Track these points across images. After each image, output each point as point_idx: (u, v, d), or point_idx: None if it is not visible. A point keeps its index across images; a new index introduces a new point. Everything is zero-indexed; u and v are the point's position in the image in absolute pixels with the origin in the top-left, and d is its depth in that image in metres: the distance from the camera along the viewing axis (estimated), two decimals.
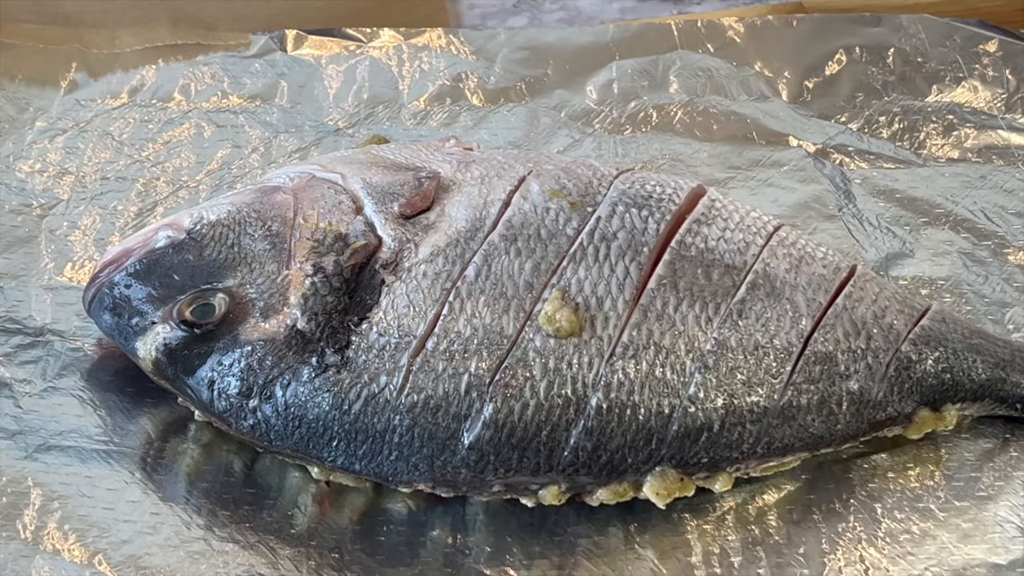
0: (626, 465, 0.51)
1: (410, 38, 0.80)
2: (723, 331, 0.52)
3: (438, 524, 0.52)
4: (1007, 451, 0.55)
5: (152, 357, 0.53)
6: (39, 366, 0.58)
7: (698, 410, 0.51)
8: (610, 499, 0.51)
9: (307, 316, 0.52)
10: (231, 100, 0.76)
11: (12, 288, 0.62)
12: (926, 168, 0.72)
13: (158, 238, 0.55)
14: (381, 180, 0.56)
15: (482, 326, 0.51)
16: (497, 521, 0.52)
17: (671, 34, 0.81)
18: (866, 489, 0.54)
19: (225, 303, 0.52)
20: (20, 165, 0.70)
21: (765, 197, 0.69)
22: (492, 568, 0.51)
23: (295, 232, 0.54)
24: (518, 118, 0.76)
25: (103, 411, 0.56)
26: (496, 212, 0.54)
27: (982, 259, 0.65)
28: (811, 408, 0.52)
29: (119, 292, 0.54)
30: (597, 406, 0.50)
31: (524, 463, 0.50)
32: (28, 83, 0.76)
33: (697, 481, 0.52)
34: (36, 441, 0.55)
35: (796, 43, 0.80)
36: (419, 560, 0.51)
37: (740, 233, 0.55)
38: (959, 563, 0.51)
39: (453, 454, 0.50)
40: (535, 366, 0.50)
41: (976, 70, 0.78)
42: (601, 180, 0.57)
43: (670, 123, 0.75)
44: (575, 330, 0.51)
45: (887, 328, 0.54)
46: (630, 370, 0.50)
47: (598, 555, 0.51)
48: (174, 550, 0.51)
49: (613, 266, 0.53)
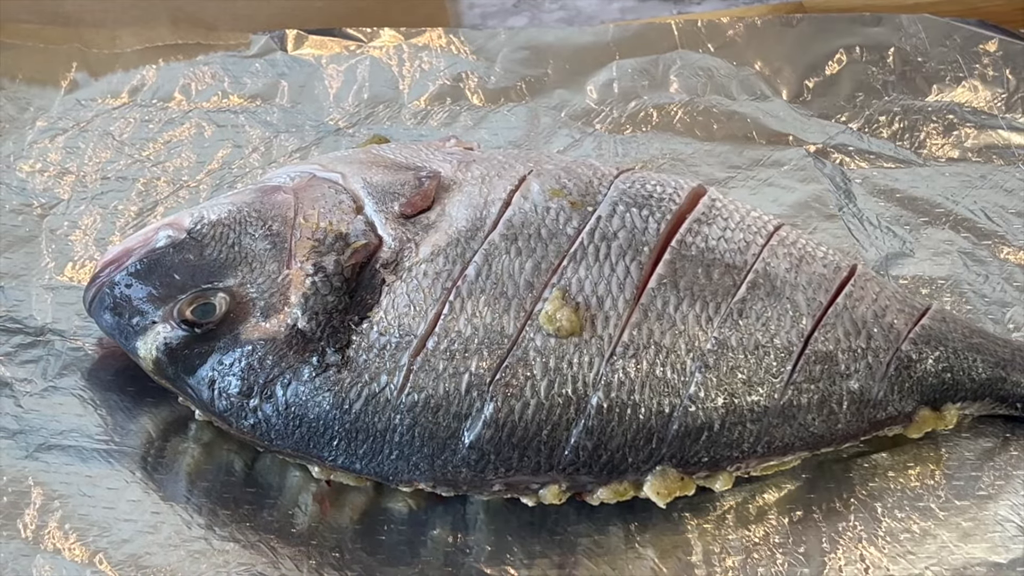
0: (626, 464, 0.51)
1: (410, 38, 0.80)
2: (723, 330, 0.52)
3: (439, 523, 0.52)
4: (1007, 450, 0.55)
5: (153, 356, 0.53)
6: (40, 365, 0.58)
7: (698, 409, 0.51)
8: (611, 498, 0.51)
9: (308, 315, 0.52)
10: (231, 100, 0.76)
11: (13, 288, 0.62)
12: (926, 168, 0.72)
13: (159, 237, 0.55)
14: (381, 180, 0.57)
15: (483, 325, 0.51)
16: (498, 520, 0.52)
17: (671, 34, 0.81)
18: (866, 488, 0.54)
19: (226, 302, 0.52)
20: (20, 165, 0.70)
21: (765, 197, 0.69)
22: (493, 567, 0.51)
23: (296, 232, 0.54)
24: (518, 118, 0.76)
25: (104, 410, 0.56)
26: (496, 211, 0.54)
27: (982, 259, 0.65)
28: (811, 407, 0.52)
29: (120, 292, 0.54)
30: (598, 405, 0.50)
31: (525, 462, 0.50)
32: (28, 83, 0.76)
33: (698, 480, 0.52)
34: (37, 440, 0.55)
35: (796, 43, 0.80)
36: (420, 559, 0.51)
37: (740, 233, 0.55)
38: (959, 562, 0.51)
39: (454, 453, 0.50)
40: (535, 365, 0.50)
41: (976, 70, 0.78)
42: (601, 180, 0.57)
43: (670, 123, 0.75)
44: (575, 329, 0.51)
45: (887, 327, 0.54)
46: (631, 369, 0.50)
47: (598, 554, 0.51)
48: (175, 549, 0.51)
49: (613, 265, 0.53)
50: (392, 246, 0.53)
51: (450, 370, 0.50)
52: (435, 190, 0.56)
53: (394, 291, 0.52)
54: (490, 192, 0.55)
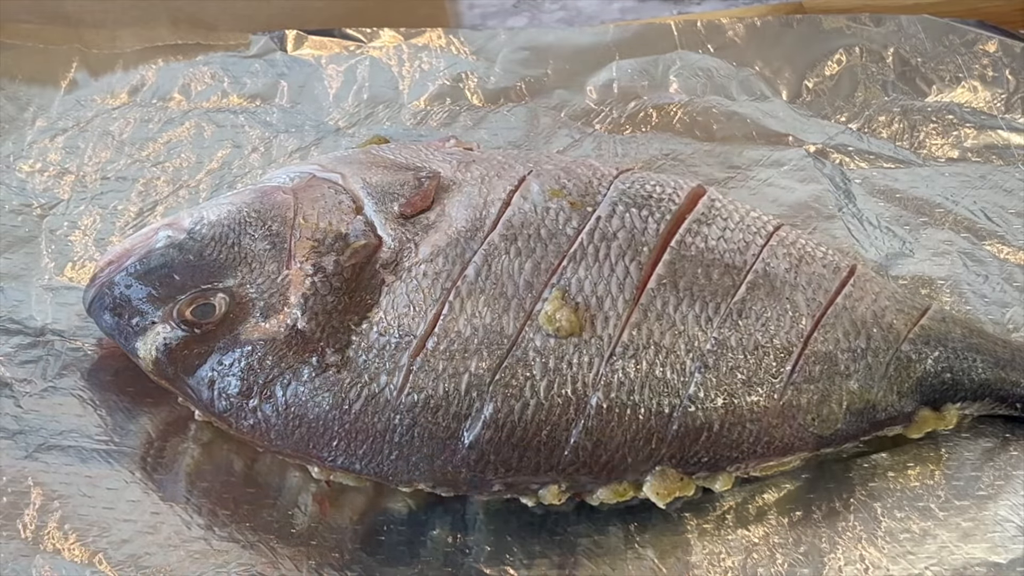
0: (626, 464, 0.51)
1: (410, 38, 0.80)
2: (723, 331, 0.52)
3: (438, 523, 0.52)
4: (1007, 450, 0.55)
5: (152, 357, 0.53)
6: (39, 366, 0.58)
7: (698, 410, 0.51)
8: (610, 499, 0.51)
9: (307, 316, 0.52)
10: (231, 100, 0.76)
11: (13, 288, 0.62)
12: (926, 168, 0.72)
13: (158, 238, 0.55)
14: (381, 180, 0.56)
15: (482, 326, 0.51)
16: (497, 520, 0.52)
17: (671, 34, 0.81)
18: (866, 488, 0.54)
19: (225, 303, 0.52)
20: (20, 165, 0.70)
21: (765, 197, 0.69)
22: (492, 567, 0.51)
23: (295, 232, 0.54)
24: (518, 118, 0.76)
25: (103, 411, 0.56)
26: (496, 212, 0.54)
27: (982, 259, 0.65)
28: (811, 407, 0.52)
29: (119, 292, 0.54)
30: (597, 405, 0.50)
31: (524, 462, 0.50)
32: (28, 83, 0.76)
33: (697, 480, 0.52)
34: (36, 441, 0.55)
35: (796, 43, 0.80)
36: (419, 559, 0.51)
37: (740, 233, 0.55)
38: (959, 562, 0.51)
39: (453, 453, 0.50)
40: (535, 366, 0.50)
41: (976, 70, 0.78)
42: (601, 180, 0.57)
43: (670, 123, 0.75)
44: (575, 330, 0.51)
45: (887, 328, 0.54)
46: (630, 370, 0.50)
47: (598, 554, 0.51)
48: (174, 549, 0.51)
49: (613, 266, 0.53)
50: (392, 246, 0.53)
51: (450, 370, 0.50)
52: (435, 190, 0.56)
53: (394, 291, 0.52)
54: (490, 192, 0.55)
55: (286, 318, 0.52)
